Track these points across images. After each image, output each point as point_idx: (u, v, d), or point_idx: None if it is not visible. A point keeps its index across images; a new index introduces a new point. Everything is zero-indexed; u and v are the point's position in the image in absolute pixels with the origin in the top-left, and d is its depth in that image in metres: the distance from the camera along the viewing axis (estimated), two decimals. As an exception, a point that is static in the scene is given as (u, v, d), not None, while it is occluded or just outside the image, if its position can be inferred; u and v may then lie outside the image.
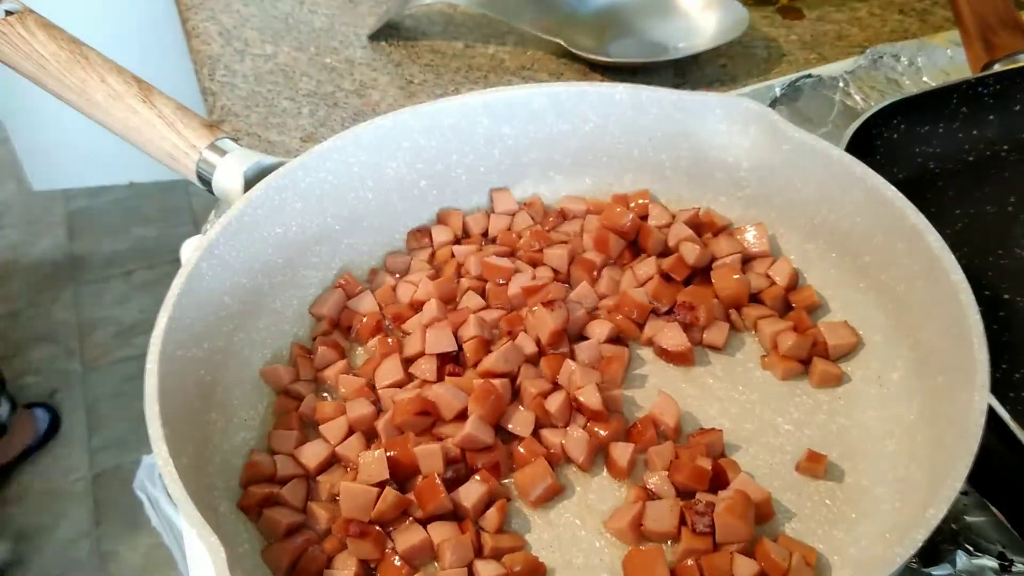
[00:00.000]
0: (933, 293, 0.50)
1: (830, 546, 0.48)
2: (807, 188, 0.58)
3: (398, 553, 0.47)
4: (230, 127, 0.77)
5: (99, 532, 1.63)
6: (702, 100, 0.60)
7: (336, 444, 0.52)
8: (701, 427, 0.53)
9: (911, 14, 0.90)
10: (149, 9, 1.83)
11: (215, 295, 0.53)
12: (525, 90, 0.62)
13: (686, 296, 0.57)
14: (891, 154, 0.65)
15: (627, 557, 0.47)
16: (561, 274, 0.60)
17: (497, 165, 0.64)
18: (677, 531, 0.48)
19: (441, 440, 0.51)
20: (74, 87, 0.60)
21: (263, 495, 0.50)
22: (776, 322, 0.57)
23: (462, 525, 0.49)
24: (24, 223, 2.26)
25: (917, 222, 0.51)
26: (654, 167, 0.64)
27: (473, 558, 0.47)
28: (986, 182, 0.66)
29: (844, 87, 0.76)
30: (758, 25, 0.88)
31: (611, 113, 0.62)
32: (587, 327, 0.57)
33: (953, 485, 0.41)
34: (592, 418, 0.52)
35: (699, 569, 0.46)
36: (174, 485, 0.42)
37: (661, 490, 0.49)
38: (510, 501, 0.50)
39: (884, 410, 0.52)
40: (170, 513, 0.90)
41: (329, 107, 0.79)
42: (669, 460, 0.50)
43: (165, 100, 0.59)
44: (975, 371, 0.44)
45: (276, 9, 0.92)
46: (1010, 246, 0.62)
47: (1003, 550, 0.48)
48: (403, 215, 0.63)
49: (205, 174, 0.58)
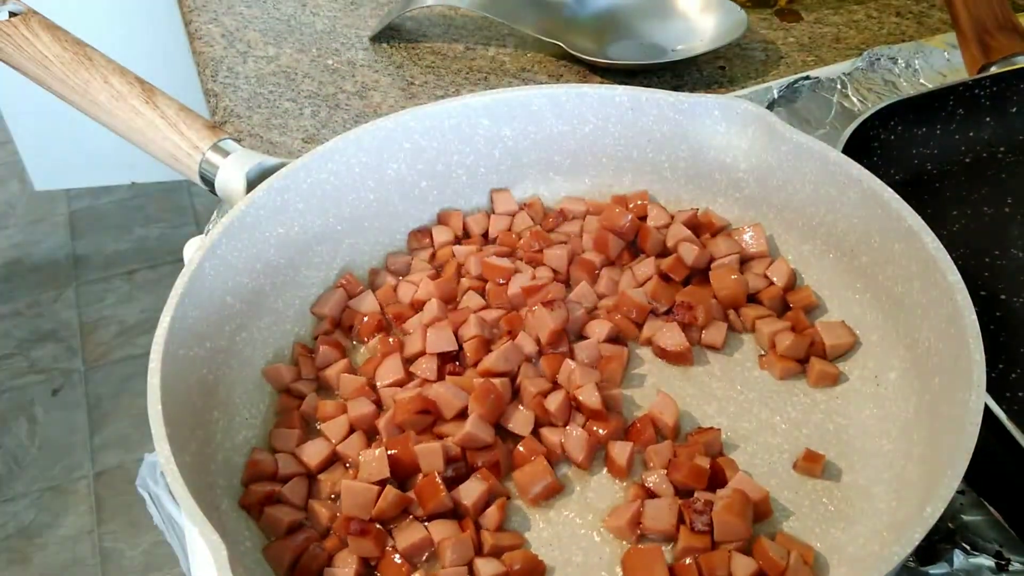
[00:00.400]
0: (930, 294, 0.50)
1: (827, 544, 0.48)
2: (805, 189, 0.58)
3: (398, 551, 0.48)
4: (232, 128, 0.77)
5: (101, 530, 1.64)
6: (700, 102, 0.61)
7: (337, 443, 0.53)
8: (699, 426, 0.53)
9: (908, 17, 0.90)
10: (152, 11, 1.84)
11: (217, 295, 0.54)
12: (525, 92, 0.62)
13: (685, 296, 0.58)
14: (888, 156, 0.65)
15: (626, 555, 0.47)
16: (561, 274, 0.61)
17: (497, 166, 0.65)
18: (676, 529, 0.48)
19: (441, 439, 0.51)
20: (77, 88, 0.60)
21: (264, 493, 0.50)
22: (774, 322, 0.57)
23: (462, 523, 0.49)
24: (27, 223, 2.27)
25: (914, 223, 0.51)
26: (653, 168, 0.64)
27: (473, 556, 0.47)
28: (983, 183, 0.67)
29: (842, 89, 0.76)
30: (756, 27, 0.89)
31: (610, 115, 0.63)
32: (586, 327, 0.58)
33: (950, 484, 0.41)
34: (591, 417, 0.52)
35: (697, 567, 0.46)
36: (176, 483, 0.42)
37: (660, 488, 0.50)
38: (510, 499, 0.51)
39: (881, 409, 0.53)
40: (172, 511, 0.89)
41: (331, 108, 0.80)
42: (668, 459, 0.51)
43: (168, 101, 0.60)
44: (971, 371, 0.45)
45: (278, 11, 0.92)
46: (1007, 247, 0.63)
47: (1000, 549, 0.49)
48: (404, 215, 0.64)
49: (208, 175, 0.59)
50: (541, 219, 0.65)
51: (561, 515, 0.50)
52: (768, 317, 0.58)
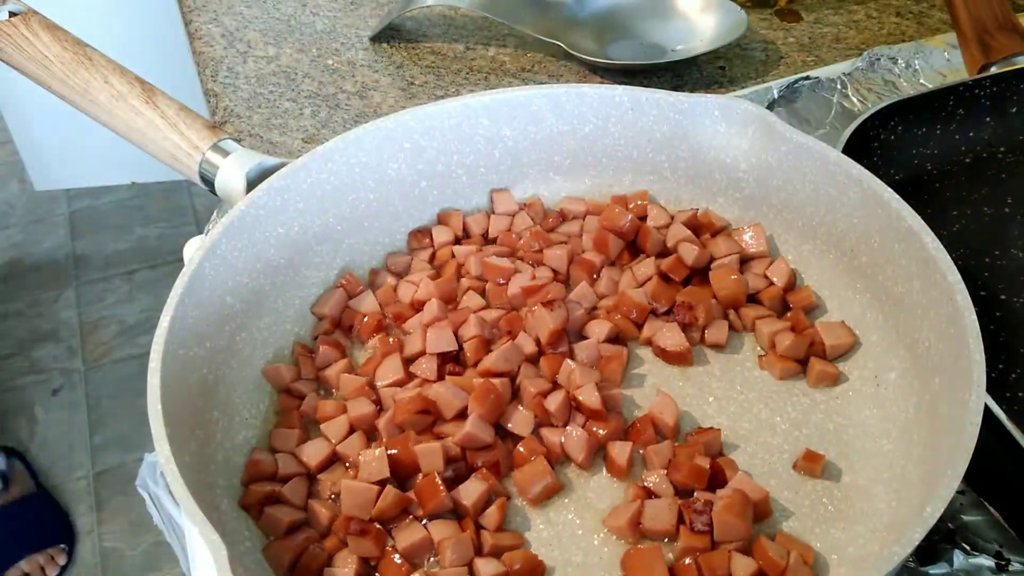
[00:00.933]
0: (930, 294, 0.50)
1: (827, 544, 0.48)
2: (805, 189, 0.58)
3: (398, 551, 0.48)
4: (232, 128, 0.77)
5: (101, 530, 1.64)
6: (700, 102, 0.61)
7: (337, 443, 0.53)
8: (699, 426, 0.54)
9: (908, 17, 0.90)
10: (152, 11, 1.84)
11: (217, 295, 0.54)
12: (525, 92, 0.62)
13: (685, 296, 0.58)
14: (888, 156, 0.65)
15: (626, 555, 0.47)
16: (560, 274, 0.61)
17: (497, 166, 0.65)
18: (676, 529, 0.48)
19: (441, 439, 0.51)
20: (77, 88, 0.60)
21: (264, 493, 0.50)
22: (774, 322, 0.57)
23: (462, 523, 0.49)
24: (27, 223, 2.27)
25: (914, 223, 0.51)
26: (653, 168, 0.64)
27: (473, 556, 0.47)
28: (983, 184, 0.67)
29: (842, 89, 0.76)
30: (756, 27, 0.89)
31: (610, 115, 0.63)
32: (586, 327, 0.58)
33: (950, 484, 0.41)
34: (591, 417, 0.52)
35: (697, 567, 0.46)
36: (176, 483, 0.42)
37: (660, 489, 0.50)
38: (510, 500, 0.51)
39: (881, 409, 0.53)
40: (172, 511, 0.89)
41: (331, 108, 0.80)
42: (668, 459, 0.51)
43: (168, 101, 0.60)
44: (971, 371, 0.45)
45: (278, 11, 0.92)
46: (1007, 247, 0.63)
47: (1000, 549, 0.49)
48: (404, 216, 0.64)
49: (208, 175, 0.59)
50: (541, 219, 0.65)
51: (561, 515, 0.50)
52: (768, 317, 0.58)
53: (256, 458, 0.52)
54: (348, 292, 0.61)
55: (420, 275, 0.61)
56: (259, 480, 0.51)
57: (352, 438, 0.53)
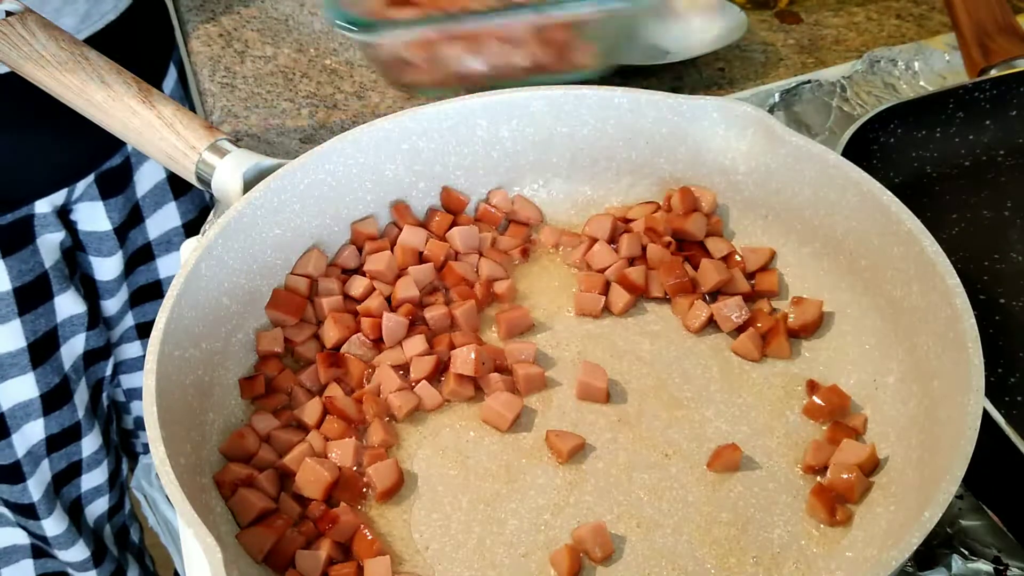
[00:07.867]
0: (929, 297, 0.50)
1: (826, 549, 0.48)
2: (804, 192, 0.58)
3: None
4: (230, 128, 0.77)
5: (97, 532, 1.63)
6: (700, 104, 0.61)
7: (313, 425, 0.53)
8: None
9: (908, 19, 0.90)
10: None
11: (214, 296, 0.53)
12: (523, 93, 0.62)
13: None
14: (888, 158, 0.65)
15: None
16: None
17: (495, 167, 0.64)
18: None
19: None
20: (74, 87, 0.60)
21: (242, 476, 0.50)
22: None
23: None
24: (23, 222, 2.26)
25: (913, 227, 0.51)
26: (651, 170, 0.64)
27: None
28: (982, 187, 0.67)
29: (841, 92, 0.76)
30: (756, 29, 0.89)
31: (609, 116, 0.63)
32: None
33: (948, 488, 0.41)
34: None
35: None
36: (171, 486, 0.42)
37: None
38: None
39: (879, 413, 0.52)
40: (167, 513, 0.90)
41: (328, 109, 0.79)
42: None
43: (165, 101, 0.59)
44: (970, 375, 0.44)
45: (276, 11, 0.92)
46: (1006, 251, 0.63)
47: (998, 554, 0.49)
48: (402, 217, 0.64)
49: (204, 175, 0.58)
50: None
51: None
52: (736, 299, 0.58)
53: (242, 432, 0.52)
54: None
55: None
56: (239, 458, 0.51)
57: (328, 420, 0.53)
